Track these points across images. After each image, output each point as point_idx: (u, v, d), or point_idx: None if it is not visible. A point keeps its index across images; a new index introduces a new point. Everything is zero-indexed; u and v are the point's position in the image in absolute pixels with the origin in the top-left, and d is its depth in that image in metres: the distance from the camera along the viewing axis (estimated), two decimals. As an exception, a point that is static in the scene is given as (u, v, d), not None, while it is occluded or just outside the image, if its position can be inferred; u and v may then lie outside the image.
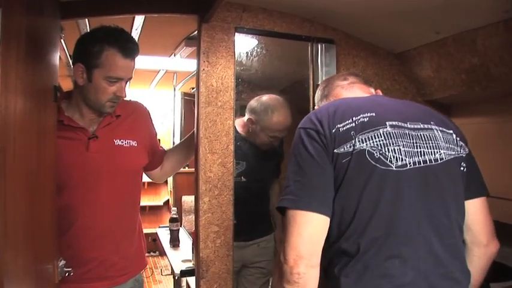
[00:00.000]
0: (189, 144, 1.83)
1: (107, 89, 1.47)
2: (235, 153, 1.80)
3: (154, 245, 5.16)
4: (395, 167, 1.07)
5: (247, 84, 2.12)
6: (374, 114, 1.12)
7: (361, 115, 1.11)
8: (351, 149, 1.06)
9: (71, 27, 1.96)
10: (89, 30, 1.87)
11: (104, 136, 1.54)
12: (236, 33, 1.79)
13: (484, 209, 1.21)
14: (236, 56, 1.81)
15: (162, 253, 4.86)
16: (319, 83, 1.85)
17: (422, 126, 1.15)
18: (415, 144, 1.11)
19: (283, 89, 2.57)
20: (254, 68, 2.14)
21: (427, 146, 1.12)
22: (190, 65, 3.26)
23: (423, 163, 1.10)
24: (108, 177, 1.54)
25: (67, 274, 1.39)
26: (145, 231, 1.82)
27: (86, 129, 1.52)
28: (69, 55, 2.47)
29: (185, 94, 5.20)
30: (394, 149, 1.08)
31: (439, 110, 2.20)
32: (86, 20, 1.99)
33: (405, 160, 1.08)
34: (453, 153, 1.15)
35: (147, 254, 5.43)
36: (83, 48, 1.48)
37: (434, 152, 1.12)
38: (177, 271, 2.43)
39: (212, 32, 1.75)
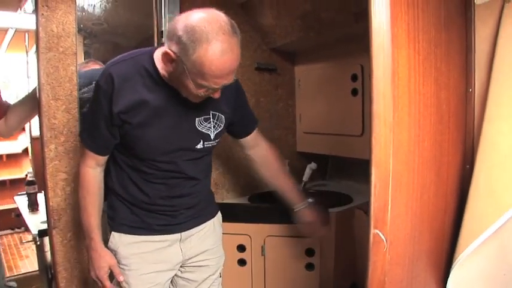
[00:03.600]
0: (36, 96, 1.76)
1: None
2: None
3: (18, 220, 4.82)
4: None
5: (102, 39, 2.05)
6: None
7: None
8: None
9: None
10: None
11: None
12: (76, -23, 1.73)
13: None
14: (85, 7, 1.77)
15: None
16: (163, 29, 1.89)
17: None
18: None
19: (140, 41, 2.53)
20: (105, 20, 2.08)
21: None
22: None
23: None
24: None
25: None
26: (7, 206, 1.81)
27: None
28: None
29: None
30: None
31: (284, 59, 2.42)
32: None
33: None
34: None
35: (10, 231, 5.06)
36: None
37: None
38: (35, 231, 2.34)
39: (50, -25, 1.67)
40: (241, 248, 2.01)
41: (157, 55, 1.33)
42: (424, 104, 1.11)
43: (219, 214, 1.67)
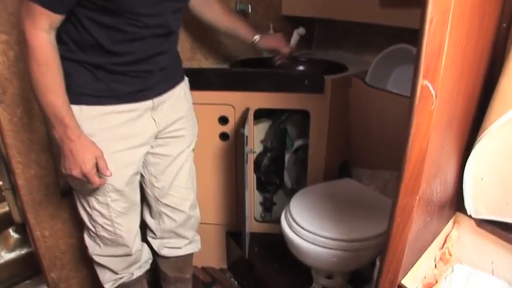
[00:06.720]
0: None
1: None
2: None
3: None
4: None
5: None
6: None
7: None
8: None
9: None
10: None
11: None
12: None
13: None
14: None
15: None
16: None
17: None
18: None
19: None
20: None
21: None
22: None
23: None
24: None
25: None
26: None
27: None
28: None
29: None
30: None
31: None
32: None
33: None
34: None
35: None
36: None
37: None
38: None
39: None
40: (223, 120, 1.77)
41: None
42: None
43: (186, 79, 1.49)
